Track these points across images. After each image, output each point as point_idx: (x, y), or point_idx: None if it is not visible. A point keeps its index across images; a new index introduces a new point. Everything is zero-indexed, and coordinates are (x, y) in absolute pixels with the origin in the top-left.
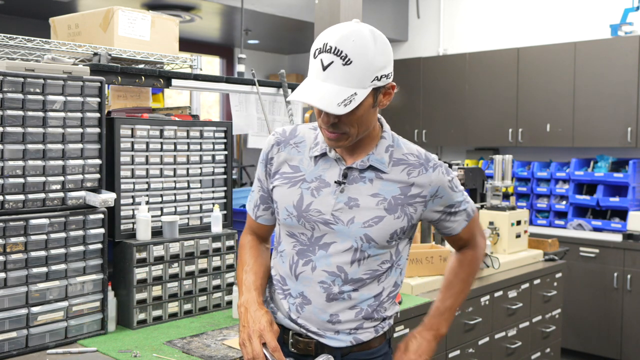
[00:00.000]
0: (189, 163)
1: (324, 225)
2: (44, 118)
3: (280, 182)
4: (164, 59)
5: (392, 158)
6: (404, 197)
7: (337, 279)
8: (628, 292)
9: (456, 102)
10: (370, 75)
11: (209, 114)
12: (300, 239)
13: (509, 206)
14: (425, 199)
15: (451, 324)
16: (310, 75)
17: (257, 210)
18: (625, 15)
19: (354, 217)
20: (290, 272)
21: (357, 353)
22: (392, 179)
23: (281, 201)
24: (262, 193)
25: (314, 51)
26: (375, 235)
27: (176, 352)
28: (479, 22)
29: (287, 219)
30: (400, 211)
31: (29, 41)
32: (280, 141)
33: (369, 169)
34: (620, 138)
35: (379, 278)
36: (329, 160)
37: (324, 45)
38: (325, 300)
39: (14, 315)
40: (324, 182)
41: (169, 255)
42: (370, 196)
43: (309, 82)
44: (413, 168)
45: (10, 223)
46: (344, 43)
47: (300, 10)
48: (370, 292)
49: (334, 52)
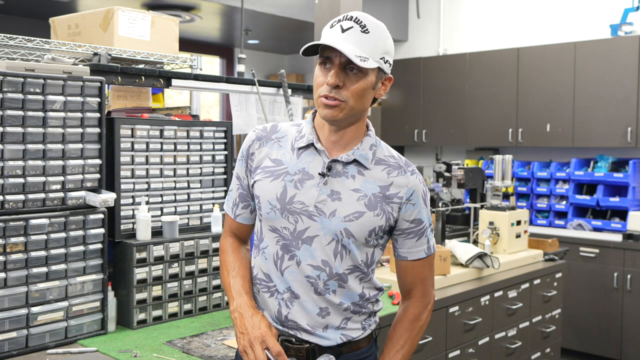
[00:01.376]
0: (189, 163)
1: (307, 217)
2: (44, 118)
3: (261, 176)
4: (164, 59)
5: (375, 157)
6: (383, 196)
7: (322, 273)
8: (628, 292)
9: (456, 102)
10: (380, 51)
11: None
12: (282, 233)
13: (509, 206)
14: (401, 201)
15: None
16: (324, 37)
17: (236, 209)
18: (625, 15)
19: (336, 210)
20: (276, 267)
21: (347, 355)
22: (373, 177)
23: (263, 195)
24: (241, 191)
25: (331, 23)
26: (354, 231)
27: (176, 352)
28: (479, 22)
29: (270, 213)
30: (380, 209)
31: (29, 41)
32: (261, 137)
33: (353, 163)
34: (620, 138)
35: (360, 277)
36: (312, 152)
37: (344, 16)
38: (314, 293)
39: (14, 315)
40: (307, 175)
41: (169, 255)
42: (352, 191)
43: (327, 38)
44: (393, 169)
45: (10, 223)
46: (363, 16)
47: (300, 10)
48: (355, 291)
49: (354, 20)
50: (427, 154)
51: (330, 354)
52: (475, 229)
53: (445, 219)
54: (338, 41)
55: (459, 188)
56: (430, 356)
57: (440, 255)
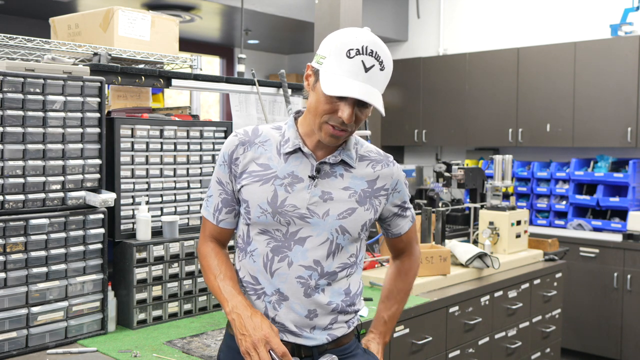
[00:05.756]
0: (189, 163)
1: (300, 219)
2: (44, 118)
3: (249, 180)
4: (164, 59)
5: (358, 154)
6: (371, 190)
7: (314, 272)
8: (628, 292)
9: (456, 102)
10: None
11: (209, 114)
12: (274, 235)
13: (509, 206)
14: (387, 192)
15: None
16: (347, 73)
17: (219, 214)
18: (625, 15)
19: (329, 210)
20: (265, 269)
21: (332, 350)
22: (360, 174)
23: (253, 199)
24: (224, 196)
25: (348, 50)
26: (349, 227)
27: (176, 352)
28: (479, 22)
29: (261, 217)
30: (369, 203)
31: (29, 41)
32: (244, 141)
33: (340, 164)
34: (620, 138)
35: (348, 273)
36: (300, 157)
37: (363, 47)
38: (303, 295)
39: (14, 315)
40: (297, 178)
41: (169, 255)
42: (342, 189)
43: (353, 81)
44: (376, 163)
45: (10, 223)
46: (380, 49)
47: (300, 10)
48: (342, 287)
49: (374, 56)
50: (427, 154)
51: (332, 354)
52: (475, 229)
53: (445, 219)
54: (365, 88)
55: (459, 188)
56: (430, 356)
57: (440, 255)
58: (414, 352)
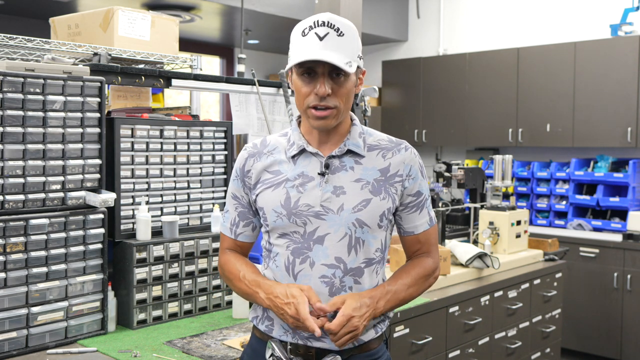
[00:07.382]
0: (189, 163)
1: (315, 217)
2: (44, 118)
3: (262, 188)
4: (164, 59)
5: (366, 144)
6: (385, 178)
7: (337, 270)
8: (628, 292)
9: (456, 102)
10: (356, 50)
11: (209, 114)
12: (293, 237)
13: (509, 206)
14: (402, 178)
15: (392, 306)
16: (305, 48)
17: (236, 228)
18: (625, 15)
19: (343, 204)
20: (288, 273)
21: (357, 356)
22: (371, 164)
23: (267, 205)
24: (241, 209)
25: (302, 30)
26: (365, 219)
27: (176, 352)
28: (479, 22)
29: (277, 220)
30: (385, 192)
31: (29, 41)
32: (253, 153)
33: (347, 154)
34: (620, 138)
35: (375, 269)
36: (307, 156)
37: (315, 22)
38: (328, 294)
39: (14, 315)
40: (307, 177)
41: (169, 255)
42: (354, 182)
43: (309, 49)
44: (387, 151)
45: (10, 223)
46: (334, 19)
47: (300, 10)
48: (371, 284)
49: (327, 25)
50: (427, 154)
51: (336, 354)
52: (475, 229)
53: (445, 219)
54: (322, 52)
55: (459, 188)
56: (430, 356)
57: (441, 255)
58: (414, 352)
